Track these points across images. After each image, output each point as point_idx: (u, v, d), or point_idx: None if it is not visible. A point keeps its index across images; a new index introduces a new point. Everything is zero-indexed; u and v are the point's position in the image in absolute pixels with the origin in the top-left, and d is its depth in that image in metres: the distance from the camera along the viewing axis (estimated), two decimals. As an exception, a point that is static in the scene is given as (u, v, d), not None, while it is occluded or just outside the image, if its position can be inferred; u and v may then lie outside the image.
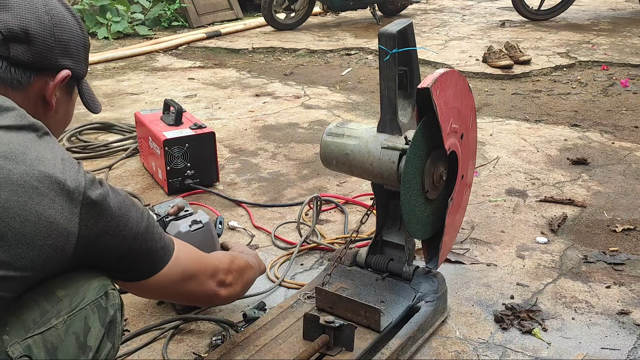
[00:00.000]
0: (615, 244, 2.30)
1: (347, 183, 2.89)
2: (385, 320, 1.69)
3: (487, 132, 3.53)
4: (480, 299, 1.99)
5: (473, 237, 2.38)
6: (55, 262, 1.09)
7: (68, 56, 1.23)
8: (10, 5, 1.16)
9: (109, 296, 1.22)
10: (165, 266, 1.29)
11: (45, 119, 1.19)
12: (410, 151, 1.62)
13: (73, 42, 1.24)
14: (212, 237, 1.91)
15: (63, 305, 1.14)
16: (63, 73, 1.22)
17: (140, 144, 3.13)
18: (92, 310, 1.19)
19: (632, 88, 4.31)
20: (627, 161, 3.08)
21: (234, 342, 1.64)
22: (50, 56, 1.19)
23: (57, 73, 1.21)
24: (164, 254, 1.29)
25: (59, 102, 1.26)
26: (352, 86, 4.71)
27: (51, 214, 1.06)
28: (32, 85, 1.19)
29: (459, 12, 7.72)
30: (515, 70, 4.82)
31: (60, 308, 1.14)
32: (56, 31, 1.19)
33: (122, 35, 6.69)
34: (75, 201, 1.09)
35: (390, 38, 1.66)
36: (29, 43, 1.15)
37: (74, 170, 1.12)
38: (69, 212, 1.08)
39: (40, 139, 1.11)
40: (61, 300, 1.14)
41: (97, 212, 1.12)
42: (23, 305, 1.10)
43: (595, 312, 1.91)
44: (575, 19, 6.77)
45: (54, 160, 1.09)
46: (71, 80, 1.25)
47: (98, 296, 1.20)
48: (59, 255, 1.09)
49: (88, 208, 1.11)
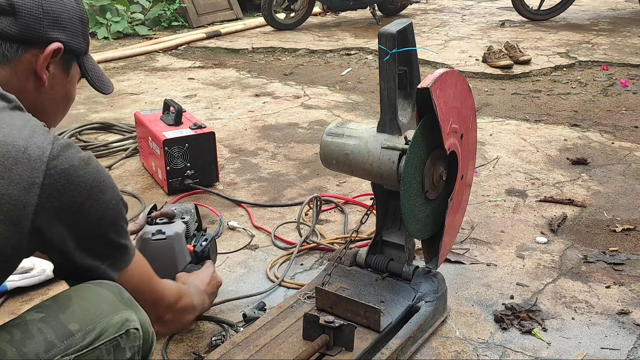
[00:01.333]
0: (615, 244, 2.31)
1: (347, 183, 2.89)
2: (385, 320, 1.69)
3: (487, 132, 3.53)
4: (480, 299, 1.99)
5: (473, 237, 2.38)
6: (12, 240, 0.98)
7: (60, 29, 1.16)
8: None
9: (130, 336, 1.09)
10: (121, 272, 1.16)
11: (38, 96, 1.15)
12: (410, 151, 1.62)
13: (66, 14, 1.17)
14: (173, 253, 1.76)
15: (74, 341, 1.02)
16: (53, 45, 1.14)
17: (140, 144, 3.13)
18: (108, 350, 1.06)
19: (632, 88, 4.31)
20: (627, 161, 3.08)
21: (234, 342, 1.64)
22: (38, 28, 1.12)
23: (48, 45, 1.14)
24: (123, 256, 1.16)
25: (53, 78, 1.18)
26: (352, 86, 4.71)
27: (3, 185, 0.96)
28: (21, 59, 1.13)
29: (459, 12, 7.72)
30: (515, 70, 4.82)
31: (70, 344, 1.02)
32: (45, 3, 1.13)
33: (122, 35, 6.69)
34: (37, 170, 0.99)
35: (390, 38, 1.66)
36: (15, 15, 1.10)
37: (42, 137, 1.02)
38: (27, 182, 0.98)
39: (11, 111, 1.04)
40: (73, 335, 1.02)
41: (64, 184, 1.01)
42: (27, 333, 0.99)
43: (595, 312, 1.92)
44: (575, 19, 6.77)
45: (20, 128, 1.01)
46: (67, 55, 1.19)
47: (117, 334, 1.07)
48: (14, 232, 0.98)
49: (53, 178, 1.00)
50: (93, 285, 1.11)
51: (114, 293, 1.12)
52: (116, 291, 1.13)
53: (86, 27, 1.23)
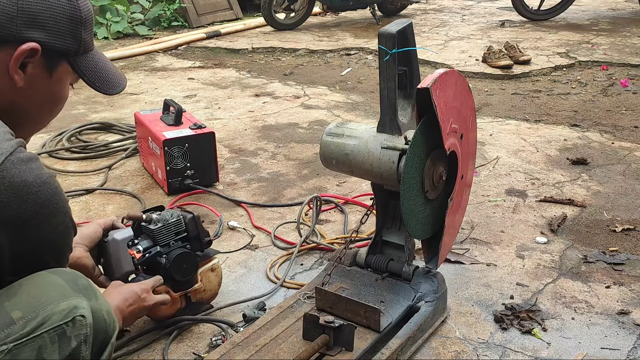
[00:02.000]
0: (615, 244, 2.31)
1: (347, 183, 2.89)
2: (385, 320, 1.69)
3: (487, 132, 3.53)
4: (480, 299, 1.99)
5: (473, 237, 2.38)
6: None
7: (37, 27, 1.08)
8: None
9: (76, 324, 1.00)
10: None
11: (15, 96, 1.09)
12: (410, 151, 1.62)
13: (48, 12, 1.09)
14: (109, 257, 1.72)
15: (14, 329, 0.94)
16: (25, 45, 1.07)
17: (140, 144, 3.13)
18: (52, 339, 0.97)
19: (632, 88, 4.31)
20: (627, 161, 3.08)
21: (234, 342, 1.64)
22: (10, 27, 1.05)
23: (22, 44, 1.07)
24: None
25: (33, 78, 1.11)
26: (352, 86, 4.71)
27: None
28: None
29: (459, 12, 7.72)
30: (515, 70, 4.82)
31: (10, 333, 0.94)
32: (21, 1, 1.06)
33: (121, 35, 6.69)
34: None
35: (390, 38, 1.66)
36: None
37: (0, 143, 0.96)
38: None
39: None
40: (14, 323, 0.95)
41: (9, 197, 0.94)
42: None
43: (595, 312, 1.92)
44: (575, 19, 6.77)
45: None
46: (49, 54, 1.11)
47: (62, 322, 0.99)
48: None
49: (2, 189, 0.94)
50: (47, 272, 1.05)
51: (67, 280, 1.05)
52: (70, 278, 1.07)
53: (78, 26, 1.14)
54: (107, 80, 1.21)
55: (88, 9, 1.16)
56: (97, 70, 1.19)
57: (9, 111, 1.08)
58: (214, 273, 1.91)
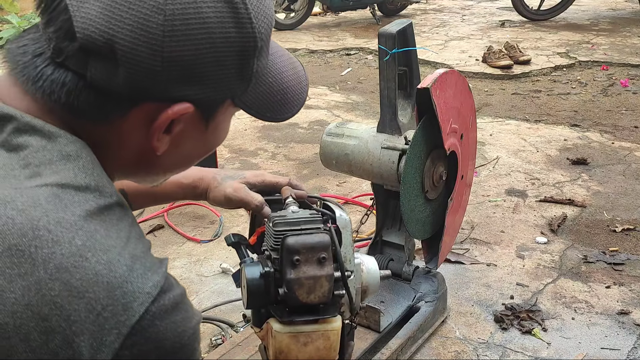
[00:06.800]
0: (615, 244, 2.30)
1: (347, 183, 2.89)
2: (385, 320, 1.69)
3: (487, 132, 3.53)
4: (480, 299, 1.99)
5: (473, 237, 2.38)
6: None
7: (191, 82, 0.70)
8: None
9: None
10: None
11: (146, 158, 0.77)
12: (410, 151, 1.62)
13: (209, 56, 0.69)
14: None
15: None
16: (171, 112, 0.70)
17: (140, 144, 3.13)
18: None
19: (632, 88, 4.31)
20: (627, 161, 3.08)
21: (234, 342, 1.64)
22: (151, 86, 0.68)
23: (168, 106, 0.70)
24: None
25: (180, 137, 0.76)
26: (352, 86, 4.71)
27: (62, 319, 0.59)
28: (125, 119, 0.71)
29: (459, 12, 7.72)
30: (515, 70, 4.82)
31: None
32: (168, 44, 0.66)
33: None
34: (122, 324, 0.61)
35: (390, 38, 1.66)
36: (116, 62, 0.65)
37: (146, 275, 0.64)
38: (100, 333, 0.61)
39: (100, 214, 0.65)
40: None
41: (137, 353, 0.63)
42: None
43: (595, 312, 1.91)
44: (575, 19, 6.77)
45: (116, 257, 0.62)
46: (206, 107, 0.75)
47: None
48: None
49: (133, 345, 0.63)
50: None
51: None
52: None
53: (250, 59, 0.73)
54: (281, 103, 0.84)
55: (266, 26, 0.74)
56: (269, 95, 0.81)
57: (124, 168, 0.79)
58: None
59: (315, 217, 0.95)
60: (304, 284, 0.88)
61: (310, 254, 0.88)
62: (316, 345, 0.91)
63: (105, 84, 0.67)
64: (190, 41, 0.67)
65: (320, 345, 0.91)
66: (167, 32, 0.65)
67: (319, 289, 0.88)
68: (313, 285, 0.88)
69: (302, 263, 0.88)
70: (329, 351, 0.92)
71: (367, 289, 1.08)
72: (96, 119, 0.70)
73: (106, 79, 0.67)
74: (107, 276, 0.61)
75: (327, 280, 0.89)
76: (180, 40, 0.66)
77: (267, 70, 0.80)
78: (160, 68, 0.66)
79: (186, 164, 0.88)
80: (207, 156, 0.96)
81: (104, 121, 0.70)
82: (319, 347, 0.91)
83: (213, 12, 0.67)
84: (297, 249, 0.88)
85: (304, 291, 0.88)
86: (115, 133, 0.72)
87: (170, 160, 0.81)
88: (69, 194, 0.64)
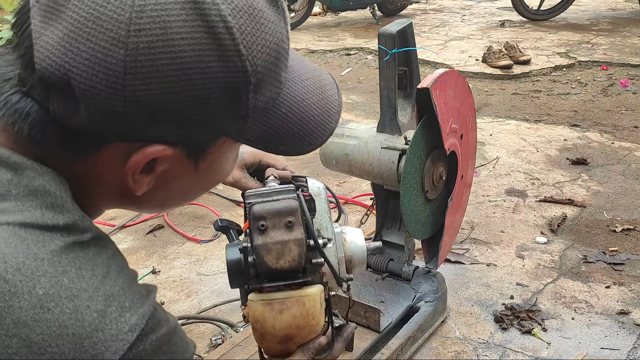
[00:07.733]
0: (615, 244, 2.30)
1: (347, 183, 2.89)
2: (385, 320, 1.69)
3: (487, 132, 3.53)
4: (480, 299, 1.99)
5: (473, 237, 2.38)
6: None
7: (165, 124, 0.60)
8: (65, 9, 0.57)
9: None
10: None
11: (132, 194, 0.68)
12: (409, 151, 1.62)
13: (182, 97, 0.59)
14: None
15: None
16: (147, 153, 0.62)
17: (140, 144, 3.12)
18: None
19: (632, 88, 4.31)
20: (627, 161, 3.08)
21: (234, 342, 1.64)
22: (113, 127, 0.60)
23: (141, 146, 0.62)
24: None
25: (166, 177, 0.68)
26: (352, 86, 4.71)
27: None
28: (99, 156, 0.64)
29: (459, 12, 7.72)
30: (515, 70, 4.82)
31: None
32: (130, 82, 0.56)
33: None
34: None
35: (390, 38, 1.66)
36: (76, 99, 0.58)
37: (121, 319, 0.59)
38: None
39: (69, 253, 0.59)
40: None
41: None
42: None
43: (595, 312, 1.92)
44: (575, 19, 6.77)
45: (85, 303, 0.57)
46: (191, 147, 0.66)
47: None
48: None
49: None
50: None
51: None
52: None
53: (241, 95, 0.62)
54: (299, 135, 0.73)
55: (266, 56, 0.62)
56: (283, 127, 0.71)
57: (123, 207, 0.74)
58: None
59: (288, 187, 0.92)
60: (271, 249, 0.85)
61: (277, 219, 0.86)
62: (292, 313, 0.89)
63: (68, 121, 0.60)
64: (159, 79, 0.56)
65: (297, 312, 0.89)
66: (129, 68, 0.55)
67: (288, 253, 0.85)
68: (281, 250, 0.85)
69: (269, 229, 0.85)
70: (306, 318, 0.90)
71: (351, 259, 1.05)
72: (63, 155, 0.63)
73: (69, 116, 0.59)
74: (73, 327, 0.55)
75: (295, 244, 0.85)
76: (145, 77, 0.56)
77: (279, 100, 0.69)
78: (122, 109, 0.57)
79: (183, 200, 0.78)
80: None
81: (74, 158, 0.63)
82: (295, 314, 0.89)
83: (188, 45, 0.56)
84: (263, 215, 0.85)
85: (273, 257, 0.85)
86: (91, 169, 0.65)
87: (159, 198, 0.73)
88: (33, 234, 0.58)
